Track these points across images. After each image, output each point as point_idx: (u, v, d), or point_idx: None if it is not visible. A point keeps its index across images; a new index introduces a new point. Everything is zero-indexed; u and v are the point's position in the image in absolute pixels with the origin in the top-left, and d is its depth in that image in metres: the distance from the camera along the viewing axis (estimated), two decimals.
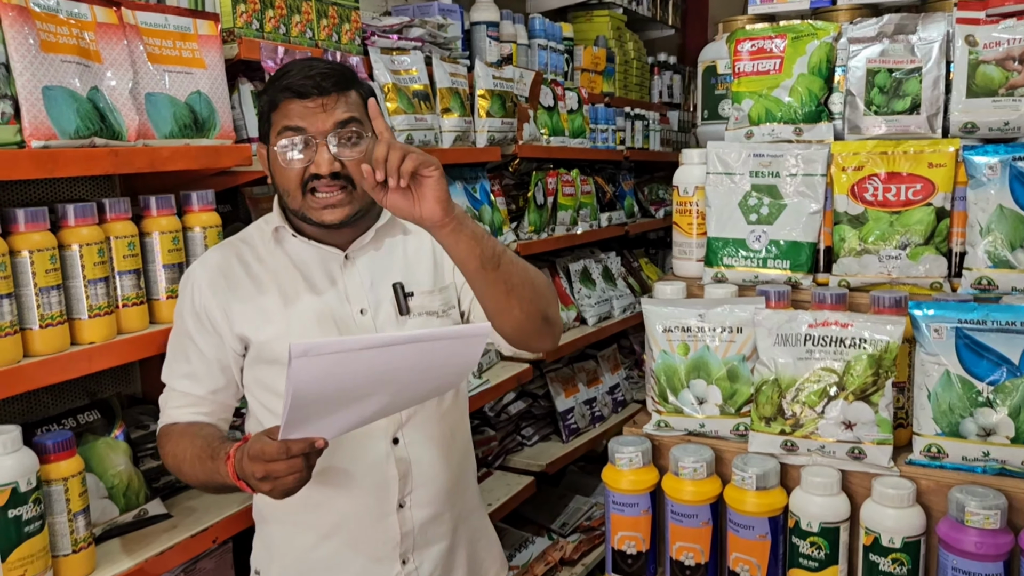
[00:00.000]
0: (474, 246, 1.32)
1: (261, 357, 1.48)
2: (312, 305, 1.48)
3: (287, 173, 1.40)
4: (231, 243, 1.56)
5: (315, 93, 1.37)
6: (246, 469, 1.24)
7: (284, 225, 1.50)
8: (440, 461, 1.58)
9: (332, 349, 1.09)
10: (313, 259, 1.51)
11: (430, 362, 1.23)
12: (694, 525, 1.56)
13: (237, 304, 1.47)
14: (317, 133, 1.37)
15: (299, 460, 1.20)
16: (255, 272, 1.50)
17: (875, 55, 1.69)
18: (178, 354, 1.52)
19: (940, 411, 1.44)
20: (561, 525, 3.24)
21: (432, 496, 1.57)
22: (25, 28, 1.38)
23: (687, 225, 1.89)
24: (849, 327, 1.50)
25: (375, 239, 1.54)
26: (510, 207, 3.14)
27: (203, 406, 1.52)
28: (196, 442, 1.42)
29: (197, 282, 1.49)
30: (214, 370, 1.50)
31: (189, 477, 1.44)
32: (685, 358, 1.64)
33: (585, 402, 3.47)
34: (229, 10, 1.88)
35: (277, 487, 1.22)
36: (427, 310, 1.54)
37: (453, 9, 2.85)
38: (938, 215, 1.61)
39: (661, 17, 4.88)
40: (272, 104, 1.42)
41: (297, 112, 1.38)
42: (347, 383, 1.15)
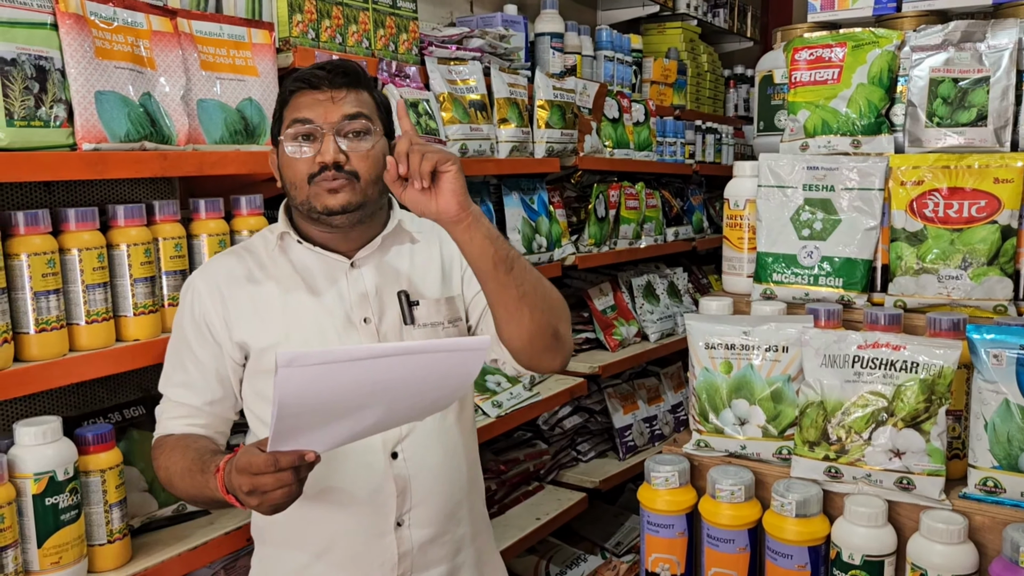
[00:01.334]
0: (488, 245, 1.31)
1: (260, 367, 1.44)
2: (314, 313, 1.45)
3: (294, 165, 1.39)
4: (234, 251, 1.54)
5: (325, 85, 1.37)
6: (234, 482, 1.19)
7: (289, 231, 1.47)
8: (442, 479, 1.51)
9: (320, 360, 1.04)
10: (317, 266, 1.48)
11: (426, 375, 1.17)
12: (731, 551, 1.50)
13: (237, 312, 1.44)
14: (325, 124, 1.37)
15: (288, 474, 1.14)
16: (257, 279, 1.47)
17: (939, 64, 1.60)
18: (175, 363, 1.48)
19: (998, 442, 1.35)
20: (616, 544, 3.18)
21: (432, 515, 1.50)
22: (81, 35, 1.44)
23: (737, 239, 1.83)
24: (901, 350, 1.42)
25: (381, 247, 1.51)
26: (571, 219, 3.11)
27: (199, 418, 1.47)
28: (188, 454, 1.37)
29: (197, 290, 1.46)
30: (211, 380, 1.46)
31: (180, 491, 1.39)
32: (727, 376, 1.58)
33: (644, 420, 3.40)
34: (285, 20, 1.92)
35: (265, 502, 1.16)
36: (433, 320, 1.50)
37: (517, 20, 2.86)
38: (1003, 234, 1.52)
39: (738, 29, 4.79)
40: (283, 100, 1.42)
41: (307, 104, 1.38)
42: (337, 395, 1.10)
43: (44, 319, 1.42)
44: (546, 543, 2.97)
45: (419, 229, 1.55)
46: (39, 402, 1.72)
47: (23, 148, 1.37)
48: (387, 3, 2.20)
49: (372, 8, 2.16)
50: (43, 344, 1.43)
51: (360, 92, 1.41)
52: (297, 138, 1.38)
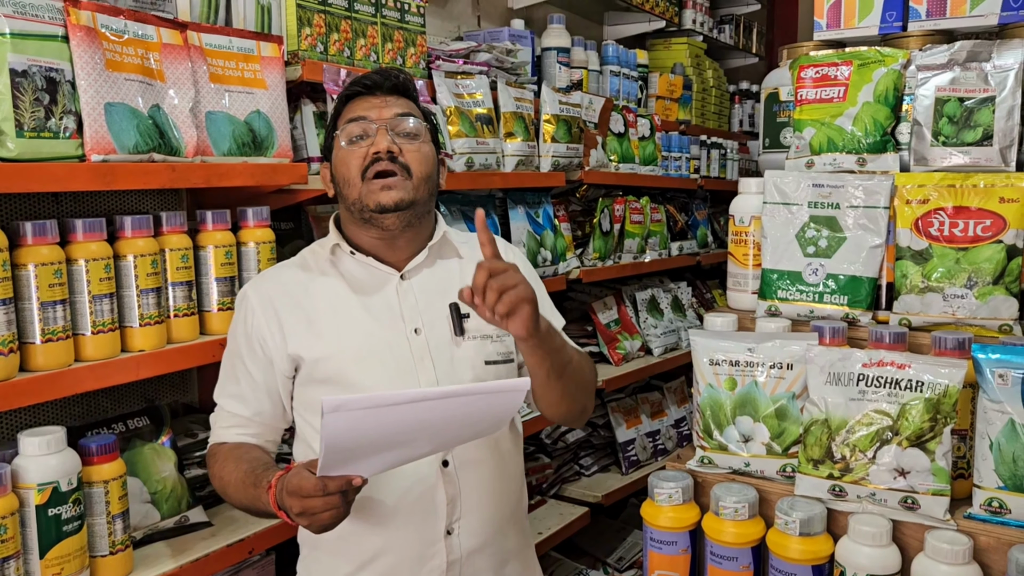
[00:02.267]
0: (546, 359, 1.38)
1: (312, 377, 1.48)
2: (365, 324, 1.48)
3: (348, 160, 1.46)
4: (287, 265, 1.58)
5: (379, 91, 1.48)
6: (285, 502, 1.25)
7: (341, 243, 1.52)
8: (491, 488, 1.53)
9: (365, 404, 1.10)
10: (368, 278, 1.52)
11: (467, 414, 1.23)
12: (734, 569, 1.49)
13: (290, 324, 1.48)
14: (378, 119, 1.46)
15: (336, 497, 1.20)
16: (310, 291, 1.50)
17: (945, 83, 1.61)
18: (229, 374, 1.54)
19: (1003, 463, 1.34)
20: (617, 559, 3.17)
21: (481, 525, 1.51)
22: (92, 48, 1.45)
23: (742, 256, 1.83)
24: (906, 368, 1.42)
25: (429, 258, 1.55)
26: (575, 233, 3.12)
27: (250, 427, 1.52)
28: (241, 466, 1.42)
29: (251, 305, 1.50)
30: (261, 394, 1.51)
31: (234, 500, 1.45)
32: (732, 393, 1.58)
33: (648, 434, 3.39)
34: (294, 33, 1.93)
35: (314, 522, 1.22)
36: (483, 333, 1.53)
37: (524, 35, 2.87)
38: (1009, 253, 1.52)
39: (744, 45, 4.81)
40: (337, 111, 1.51)
41: (363, 106, 1.48)
42: (381, 433, 1.16)
43: (50, 329, 1.43)
44: (548, 558, 2.96)
45: (463, 241, 1.61)
46: (43, 412, 1.72)
47: (33, 159, 1.38)
48: (395, 17, 2.21)
49: (380, 22, 2.17)
50: (49, 354, 1.43)
51: (408, 100, 1.52)
52: (351, 136, 1.46)
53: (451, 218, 2.48)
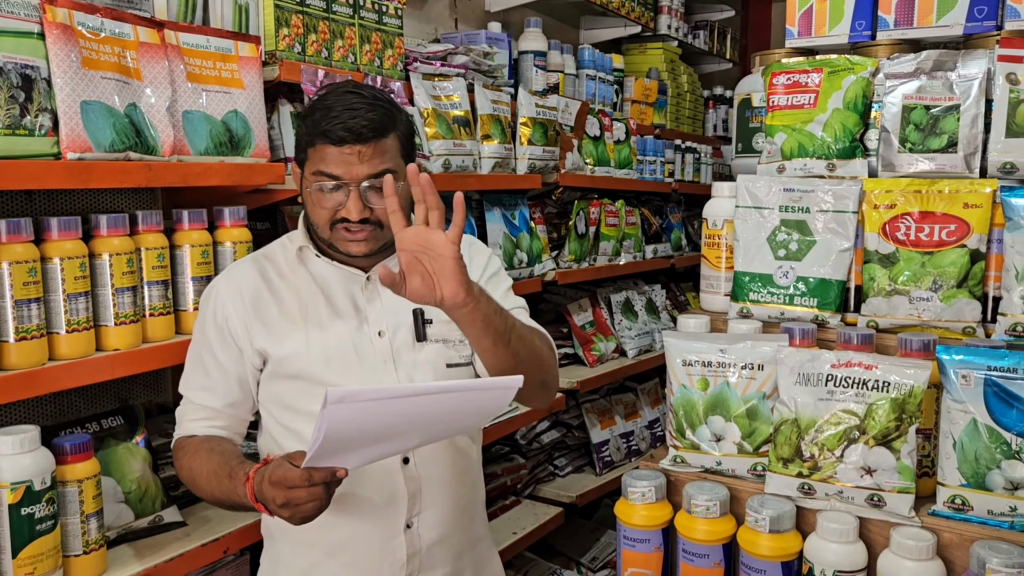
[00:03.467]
0: (488, 325, 1.35)
1: (278, 373, 1.50)
2: (331, 324, 1.50)
3: (317, 211, 1.45)
4: (254, 258, 1.58)
5: (352, 141, 1.39)
6: (266, 493, 1.26)
7: (308, 245, 1.53)
8: (450, 483, 1.57)
9: (368, 397, 1.12)
10: (335, 279, 1.53)
11: (460, 408, 1.27)
12: (705, 566, 1.51)
13: (258, 319, 1.49)
14: (351, 181, 1.41)
15: (320, 488, 1.23)
16: (277, 288, 1.52)
17: (912, 91, 1.65)
18: (197, 366, 1.54)
19: (966, 461, 1.38)
20: (591, 559, 3.19)
21: (440, 518, 1.55)
22: (68, 45, 1.45)
23: (715, 258, 1.86)
24: (873, 369, 1.45)
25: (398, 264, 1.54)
26: (551, 235, 3.14)
27: (220, 419, 1.53)
28: (213, 458, 1.43)
29: (220, 295, 1.52)
30: (232, 384, 1.52)
31: (204, 492, 1.45)
32: (704, 393, 1.61)
33: (621, 435, 3.42)
34: (272, 33, 1.93)
35: (296, 513, 1.24)
36: (443, 338, 1.55)
37: (501, 38, 2.89)
38: (972, 257, 1.56)
39: (718, 51, 4.86)
40: (310, 140, 1.44)
41: (333, 158, 1.40)
42: (378, 425, 1.19)
43: (24, 328, 1.42)
44: (522, 558, 2.97)
45: None
46: (17, 411, 1.71)
47: (7, 156, 1.37)
48: (373, 19, 2.22)
49: (358, 23, 2.18)
50: (23, 353, 1.42)
51: (386, 140, 1.43)
52: (322, 189, 1.42)
53: None
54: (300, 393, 1.48)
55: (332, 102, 1.41)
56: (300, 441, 1.46)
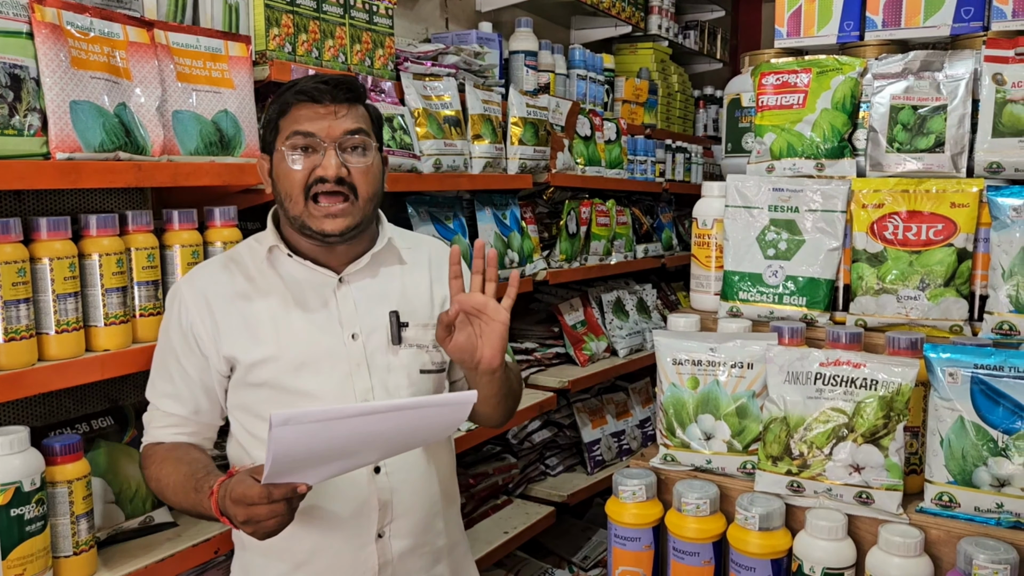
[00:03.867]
0: (501, 385, 1.48)
1: (247, 380, 1.46)
2: (303, 327, 1.46)
3: (292, 176, 1.41)
4: (220, 261, 1.54)
5: (327, 100, 1.40)
6: (229, 509, 1.25)
7: (279, 244, 1.48)
8: (421, 491, 1.54)
9: (314, 418, 1.10)
10: (307, 280, 1.49)
11: (416, 425, 1.26)
12: (696, 564, 1.52)
13: (226, 324, 1.45)
14: (327, 138, 1.40)
15: (281, 505, 1.21)
16: (245, 292, 1.47)
17: (899, 91, 1.66)
18: (162, 372, 1.50)
19: (953, 458, 1.39)
20: (583, 558, 3.20)
21: (412, 527, 1.52)
22: (57, 45, 1.44)
23: (705, 258, 1.87)
24: (861, 367, 1.46)
25: (371, 264, 1.53)
26: (542, 235, 3.15)
27: (187, 426, 1.50)
28: (180, 468, 1.41)
29: (184, 300, 1.47)
30: (197, 391, 1.48)
31: (172, 502, 1.44)
32: (694, 392, 1.61)
33: (613, 434, 3.43)
34: (262, 33, 1.93)
35: (259, 529, 1.23)
36: (419, 343, 1.54)
37: (492, 38, 2.89)
38: (959, 256, 1.57)
39: (708, 51, 4.88)
40: (282, 110, 1.43)
41: (308, 116, 1.40)
42: (330, 444, 1.17)
43: (13, 328, 1.41)
44: (514, 557, 2.98)
45: (409, 246, 1.59)
46: (6, 412, 1.70)
47: None
48: (363, 19, 2.22)
49: (349, 23, 2.18)
50: (12, 353, 1.42)
51: (359, 107, 1.45)
52: (297, 149, 1.40)
53: (419, 219, 2.49)
54: (268, 401, 1.45)
55: (300, 81, 1.44)
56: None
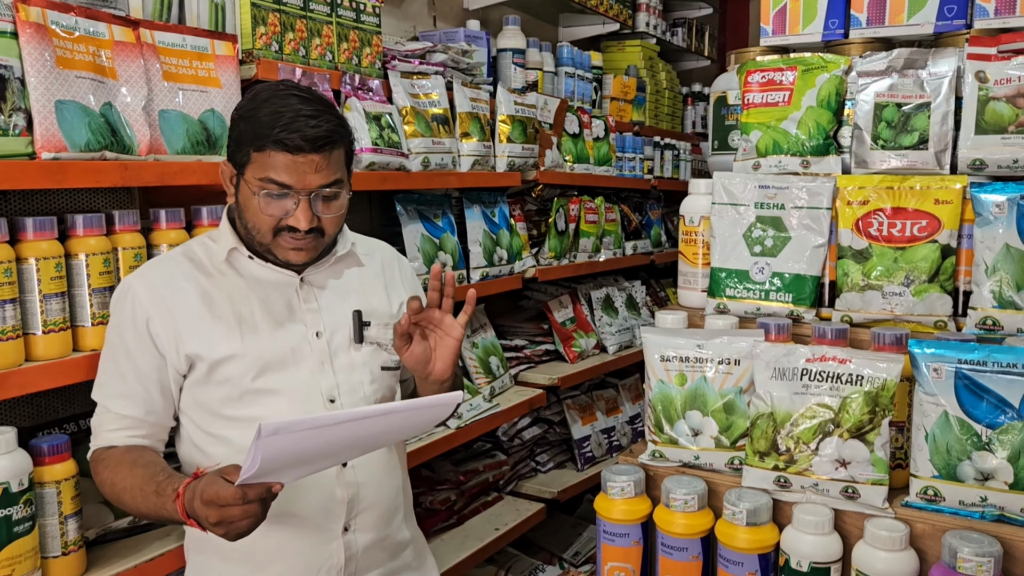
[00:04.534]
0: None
1: (208, 379, 1.43)
2: (267, 326, 1.46)
3: (261, 216, 1.39)
4: (172, 258, 1.50)
5: (307, 151, 1.35)
6: (199, 512, 1.21)
7: (239, 247, 1.47)
8: (385, 484, 1.56)
9: (304, 426, 1.10)
10: (268, 280, 1.49)
11: (400, 425, 1.30)
12: (684, 559, 1.53)
13: (186, 322, 1.42)
14: (302, 190, 1.37)
15: (255, 505, 1.19)
16: (205, 290, 1.45)
17: (884, 89, 1.67)
18: (112, 373, 1.44)
19: (937, 453, 1.41)
20: (574, 554, 3.21)
21: (376, 519, 1.54)
22: (42, 44, 1.44)
23: (692, 255, 1.88)
24: (847, 363, 1.47)
25: (334, 265, 1.55)
26: (531, 232, 3.15)
27: (140, 428, 1.44)
28: (136, 471, 1.35)
29: (138, 297, 1.42)
30: (152, 390, 1.43)
31: (129, 507, 1.38)
32: (682, 388, 1.62)
33: (603, 431, 3.44)
34: (249, 32, 1.93)
35: (231, 531, 1.20)
36: (379, 341, 1.56)
37: (479, 36, 2.89)
38: (943, 252, 1.58)
39: (696, 48, 4.89)
40: (258, 145, 1.36)
41: (285, 166, 1.35)
42: (313, 448, 1.17)
43: (0, 328, 1.41)
44: (504, 553, 2.99)
45: (365, 252, 1.63)
46: None
47: None
48: (351, 17, 2.22)
49: (336, 22, 2.18)
50: None
51: (337, 151, 1.41)
52: (271, 197, 1.38)
53: (407, 218, 2.49)
54: (229, 399, 1.43)
55: (280, 105, 1.36)
56: (228, 448, 1.42)
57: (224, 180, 1.46)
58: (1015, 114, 1.55)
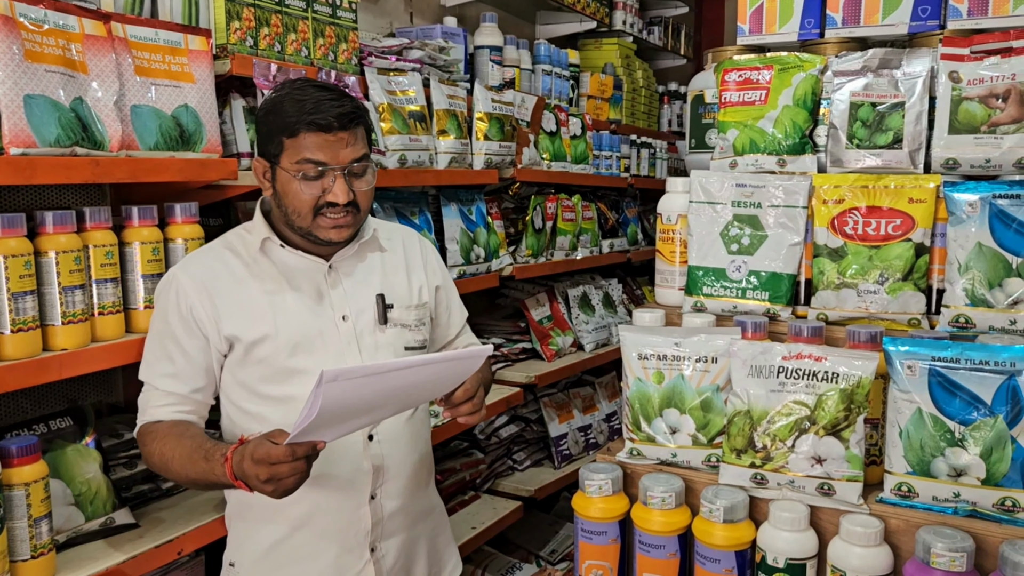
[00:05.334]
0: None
1: (246, 358, 1.56)
2: (297, 309, 1.58)
3: (302, 197, 1.51)
4: (213, 249, 1.63)
5: (337, 128, 1.49)
6: (248, 471, 1.32)
7: (272, 237, 1.59)
8: (408, 457, 1.70)
9: (361, 373, 1.21)
10: (299, 267, 1.61)
11: (437, 377, 1.40)
12: (661, 556, 1.53)
13: (225, 307, 1.55)
14: (337, 167, 1.51)
15: (302, 462, 1.30)
16: (242, 276, 1.58)
17: (859, 88, 1.69)
18: (160, 355, 1.57)
19: (911, 449, 1.42)
20: (550, 552, 3.21)
21: (400, 488, 1.68)
22: (10, 37, 1.41)
23: (669, 253, 1.88)
24: (823, 361, 1.48)
25: (358, 252, 1.66)
26: (508, 230, 3.15)
27: (186, 404, 1.57)
28: (184, 442, 1.48)
29: (183, 286, 1.55)
30: (198, 370, 1.57)
31: (178, 475, 1.50)
32: (659, 386, 1.62)
33: (580, 429, 3.44)
34: (223, 26, 1.90)
35: (279, 487, 1.31)
36: (402, 322, 1.68)
37: (457, 33, 2.88)
38: (917, 251, 1.60)
39: (672, 47, 4.91)
40: (291, 131, 1.49)
41: (319, 145, 1.49)
42: (365, 399, 1.28)
43: None
44: (481, 552, 2.98)
45: (387, 236, 1.75)
46: None
47: None
48: (327, 12, 2.20)
49: (312, 17, 2.15)
50: None
51: (361, 128, 1.55)
52: (307, 174, 1.50)
53: (384, 215, 2.47)
54: (265, 378, 1.57)
55: (301, 95, 1.50)
56: (264, 425, 1.50)
57: (258, 177, 1.59)
58: (987, 114, 1.56)
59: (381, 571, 1.67)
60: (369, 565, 1.65)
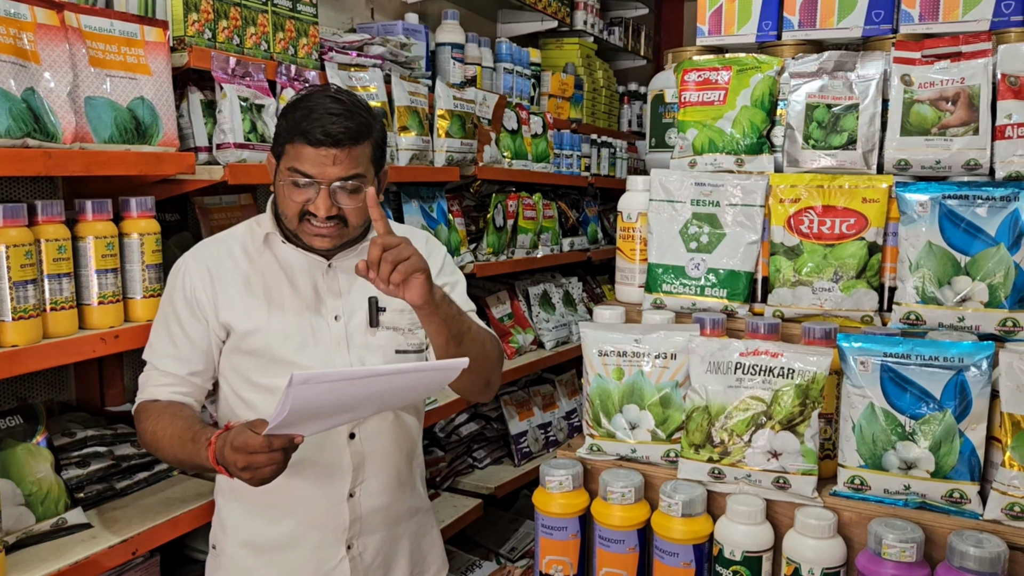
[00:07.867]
0: (443, 326, 1.52)
1: (239, 347, 1.60)
2: (292, 306, 1.62)
3: (288, 202, 1.55)
4: (221, 239, 1.68)
5: (328, 145, 1.49)
6: (228, 457, 1.36)
7: (275, 231, 1.63)
8: (391, 457, 1.71)
9: (330, 378, 1.24)
10: (299, 263, 1.64)
11: (412, 385, 1.43)
12: (621, 551, 1.55)
13: (224, 295, 1.60)
14: (322, 180, 1.51)
15: (279, 454, 1.34)
16: (243, 268, 1.63)
17: (815, 90, 1.72)
18: (163, 336, 1.62)
19: (864, 443, 1.45)
20: (510, 550, 3.22)
21: (381, 487, 1.70)
22: None
23: (630, 251, 1.90)
24: (779, 357, 1.51)
25: (359, 253, 1.66)
26: (469, 228, 3.14)
27: (184, 386, 1.61)
28: (176, 422, 1.52)
29: (189, 270, 1.61)
30: (198, 353, 1.61)
31: (167, 454, 1.54)
32: (619, 383, 1.64)
33: (539, 426, 3.46)
34: (181, 18, 1.87)
35: (256, 476, 1.35)
36: (395, 326, 1.68)
37: (418, 29, 2.87)
38: (870, 249, 1.63)
39: (632, 47, 4.95)
40: (288, 137, 1.52)
41: (308, 157, 1.50)
42: (335, 401, 1.30)
43: None
44: None
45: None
46: None
47: None
48: (287, 6, 2.18)
49: (271, 11, 2.13)
50: None
51: (361, 146, 1.53)
52: (294, 185, 1.52)
53: None
54: (257, 368, 1.60)
55: (313, 103, 1.51)
56: (256, 413, 1.55)
57: (270, 170, 1.62)
58: (937, 116, 1.60)
59: (358, 568, 1.69)
60: (345, 562, 1.67)
